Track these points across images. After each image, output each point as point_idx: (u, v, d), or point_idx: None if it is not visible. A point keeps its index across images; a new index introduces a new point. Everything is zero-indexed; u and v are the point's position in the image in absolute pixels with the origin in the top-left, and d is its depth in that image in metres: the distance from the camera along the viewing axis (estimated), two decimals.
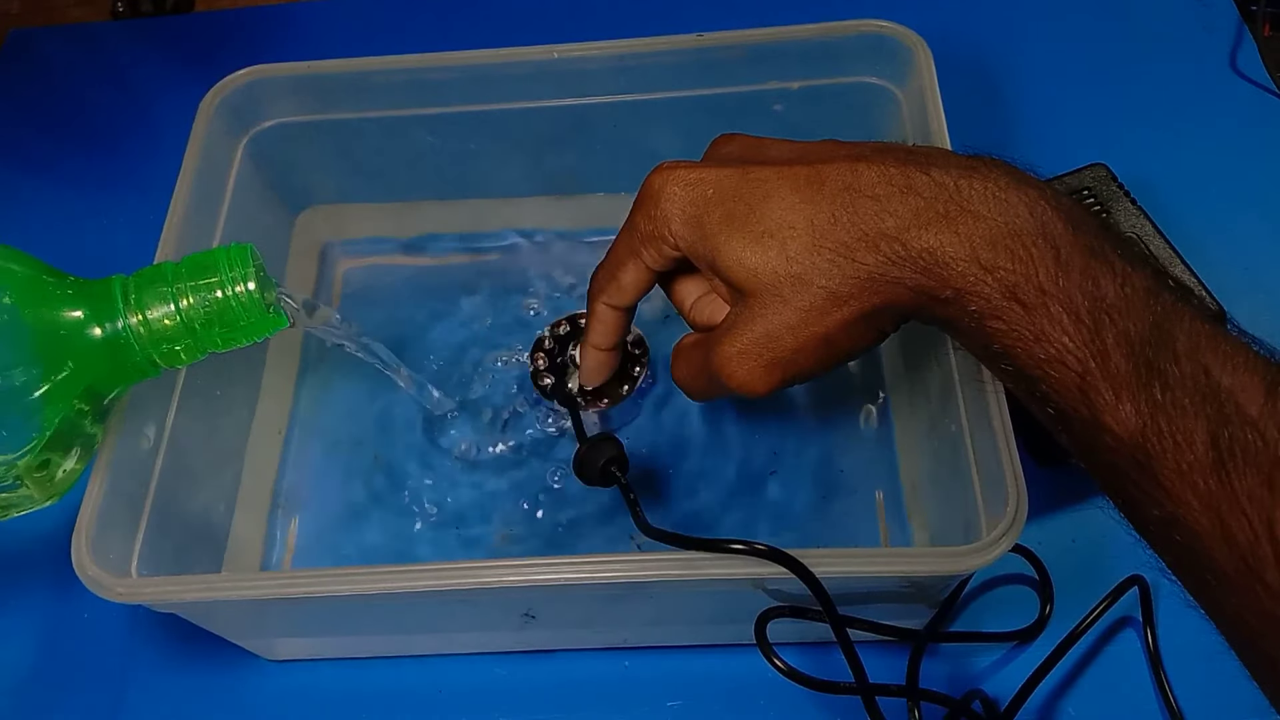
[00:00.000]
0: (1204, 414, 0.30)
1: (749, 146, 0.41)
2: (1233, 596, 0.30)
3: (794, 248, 0.36)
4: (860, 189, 0.35)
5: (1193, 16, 0.66)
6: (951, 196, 0.34)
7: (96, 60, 0.73)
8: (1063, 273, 0.32)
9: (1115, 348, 0.31)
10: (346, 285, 0.61)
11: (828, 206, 0.36)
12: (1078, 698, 0.46)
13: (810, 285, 0.36)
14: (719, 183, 0.38)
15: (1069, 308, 0.32)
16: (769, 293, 0.37)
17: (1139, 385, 0.31)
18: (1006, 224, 0.33)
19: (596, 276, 0.44)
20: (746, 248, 0.37)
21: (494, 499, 0.53)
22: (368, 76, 0.53)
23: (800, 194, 0.36)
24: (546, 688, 0.48)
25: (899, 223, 0.34)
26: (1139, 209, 0.51)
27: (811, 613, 0.40)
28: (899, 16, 0.51)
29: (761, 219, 0.37)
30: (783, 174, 0.37)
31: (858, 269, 0.35)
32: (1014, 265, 0.33)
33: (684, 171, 0.39)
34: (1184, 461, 0.30)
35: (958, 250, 0.33)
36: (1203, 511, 0.30)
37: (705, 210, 0.38)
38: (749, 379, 0.38)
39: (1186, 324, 0.32)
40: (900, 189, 0.35)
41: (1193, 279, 0.48)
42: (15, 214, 0.66)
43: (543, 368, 0.54)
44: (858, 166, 0.36)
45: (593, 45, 0.52)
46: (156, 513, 0.44)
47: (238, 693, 0.50)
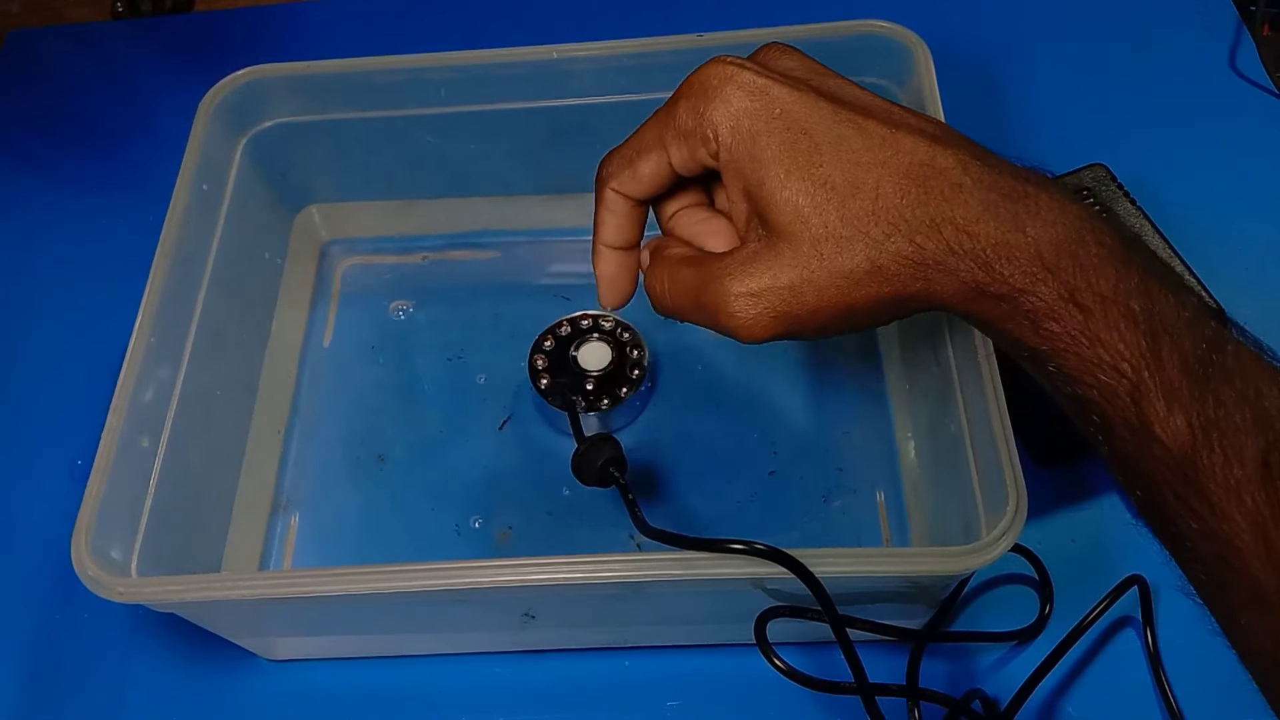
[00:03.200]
0: (1256, 432, 0.30)
1: (813, 70, 0.38)
2: (1271, 618, 0.30)
3: (854, 208, 0.34)
4: (937, 170, 0.34)
5: (1192, 16, 0.66)
6: (1021, 198, 0.33)
7: (96, 60, 0.73)
8: (1122, 281, 0.32)
9: (1170, 359, 0.31)
10: (346, 285, 0.61)
11: (900, 178, 0.34)
12: (1078, 697, 0.46)
13: (856, 253, 0.34)
14: (788, 105, 0.35)
15: (1127, 315, 0.32)
16: (809, 245, 0.34)
17: (1192, 398, 0.31)
18: (1070, 231, 0.33)
19: (610, 159, 0.39)
20: (803, 191, 0.34)
21: (494, 498, 0.53)
22: (367, 76, 0.53)
23: (874, 154, 0.34)
24: (546, 688, 0.48)
25: (969, 214, 0.33)
26: (1139, 209, 0.51)
27: (811, 613, 0.40)
28: (899, 16, 0.51)
29: (827, 165, 0.34)
30: (859, 123, 0.35)
31: (914, 250, 0.34)
32: (1076, 269, 0.32)
33: (750, 75, 0.35)
34: (1233, 477, 0.30)
35: (1023, 249, 0.33)
36: (1247, 528, 0.30)
37: (765, 130, 0.35)
38: (751, 324, 0.35)
39: (1234, 347, 0.32)
40: (975, 181, 0.34)
41: (1193, 279, 0.48)
42: (15, 214, 0.66)
43: (542, 368, 0.54)
44: (935, 147, 0.34)
45: (593, 45, 0.52)
46: (156, 513, 0.44)
47: (238, 693, 0.50)
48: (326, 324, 0.60)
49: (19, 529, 0.55)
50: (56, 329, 0.61)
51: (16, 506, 0.55)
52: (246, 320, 0.55)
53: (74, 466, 0.55)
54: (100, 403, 0.43)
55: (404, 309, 0.59)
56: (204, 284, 0.50)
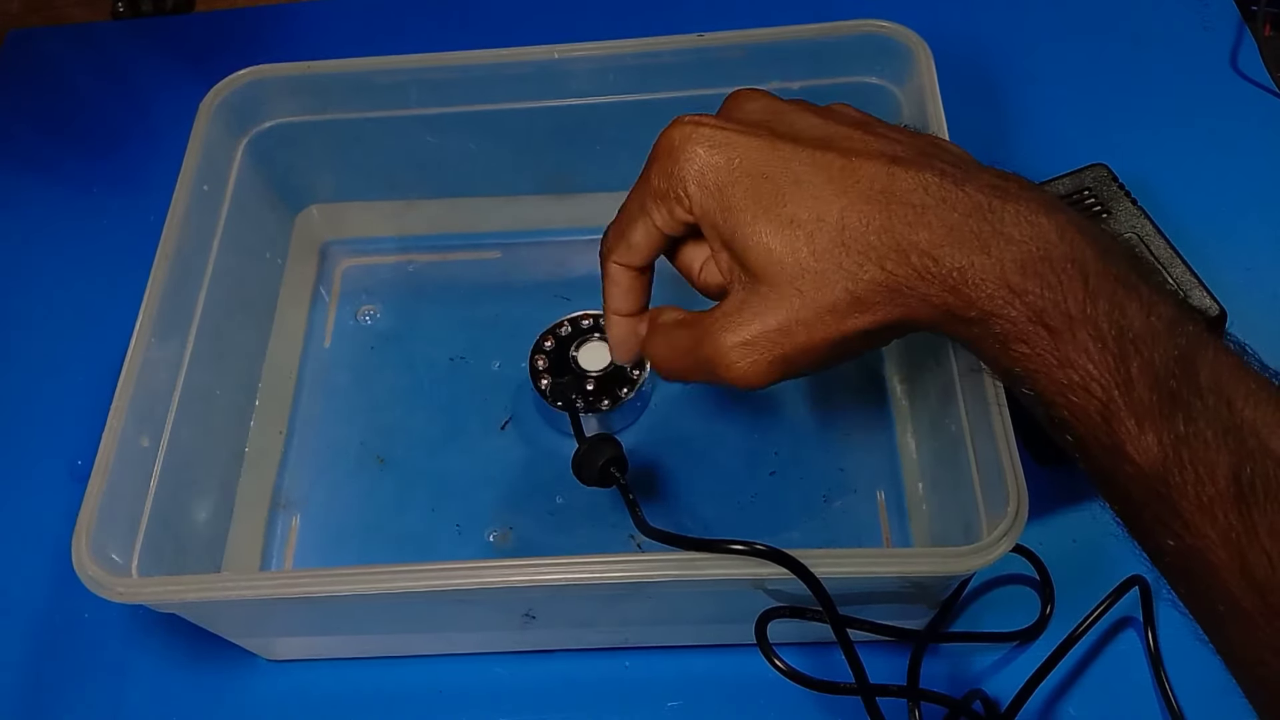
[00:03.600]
0: (1227, 447, 0.30)
1: (773, 112, 0.38)
2: (1247, 632, 0.30)
3: (821, 242, 0.34)
4: (897, 195, 0.34)
5: (1193, 16, 0.66)
6: (985, 216, 0.33)
7: (96, 60, 0.73)
8: (1090, 300, 0.32)
9: (1140, 377, 0.31)
10: (346, 284, 0.61)
11: (862, 206, 0.34)
12: (1078, 698, 0.46)
13: (834, 285, 0.34)
14: (746, 153, 0.36)
15: (1095, 335, 0.32)
16: (788, 285, 0.35)
17: (1162, 416, 0.31)
18: (1038, 248, 0.33)
19: (607, 235, 0.41)
20: (771, 233, 0.35)
21: (494, 499, 0.53)
22: (368, 76, 0.53)
23: (834, 185, 0.35)
24: (546, 688, 0.48)
25: (933, 237, 0.33)
26: (1139, 209, 0.51)
27: (811, 613, 0.40)
28: (899, 16, 0.51)
29: (790, 205, 0.35)
30: (816, 159, 0.35)
31: (886, 277, 0.34)
32: (1043, 290, 0.32)
33: (708, 130, 0.36)
34: (1204, 494, 0.30)
35: (988, 272, 0.33)
36: (1221, 545, 0.30)
37: (729, 180, 0.36)
38: (750, 371, 0.36)
39: (1211, 355, 0.31)
40: (937, 201, 0.34)
41: (1193, 279, 0.48)
42: (15, 214, 0.66)
43: (542, 368, 0.54)
44: (894, 170, 0.35)
45: (593, 45, 0.52)
46: (156, 513, 0.44)
47: (238, 693, 0.49)
48: (326, 324, 0.60)
49: (19, 529, 0.55)
50: (56, 329, 0.61)
51: (16, 506, 0.55)
52: (246, 320, 0.55)
53: (74, 466, 0.55)
54: (100, 403, 0.43)
55: (403, 309, 0.59)
56: (204, 284, 0.50)
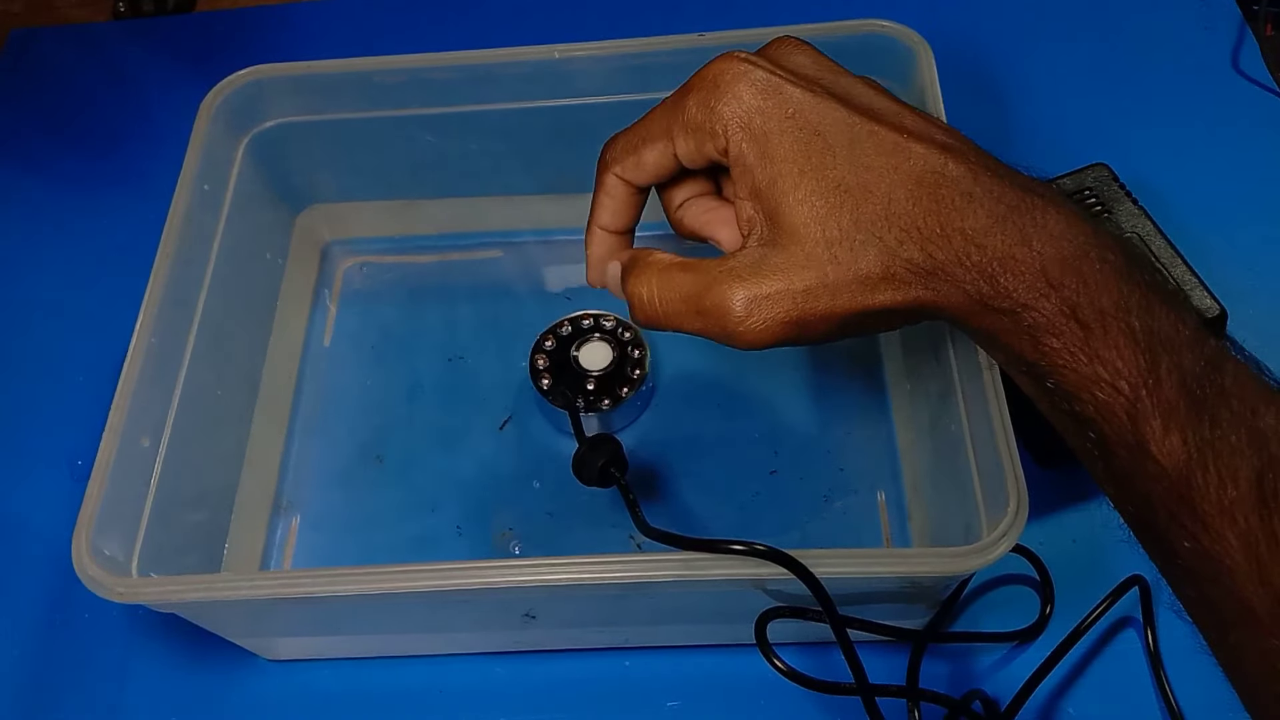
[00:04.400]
0: (1250, 453, 0.30)
1: (825, 69, 0.37)
2: (1260, 639, 0.30)
3: (868, 211, 0.34)
4: (949, 180, 0.34)
5: (1194, 16, 0.66)
6: (1029, 211, 0.34)
7: (96, 60, 0.73)
8: (1124, 299, 0.32)
9: (1168, 377, 0.31)
10: (346, 285, 0.61)
11: (912, 185, 0.34)
12: (1078, 698, 0.46)
13: (871, 257, 0.34)
14: (801, 106, 0.35)
15: (1127, 332, 0.32)
16: (824, 247, 0.34)
17: (1189, 418, 0.31)
18: (1076, 246, 0.33)
19: (614, 143, 0.40)
20: (817, 192, 0.34)
21: (494, 499, 0.53)
22: (368, 76, 0.53)
23: (887, 159, 0.34)
24: (546, 688, 0.48)
25: (978, 225, 0.33)
26: (1140, 209, 0.51)
27: (811, 613, 0.40)
28: (899, 16, 0.51)
29: (840, 168, 0.34)
30: (870, 128, 0.35)
31: (925, 258, 0.34)
32: (1079, 285, 0.32)
33: (764, 73, 0.35)
34: (1226, 498, 0.30)
35: (1028, 263, 0.33)
36: (1239, 549, 0.30)
37: (778, 129, 0.35)
38: (758, 329, 0.35)
39: (1233, 367, 0.32)
40: (985, 192, 0.34)
41: (1193, 279, 0.48)
42: (15, 214, 0.66)
43: (542, 368, 0.54)
44: (946, 156, 0.34)
45: (593, 45, 0.52)
46: (156, 513, 0.44)
47: (238, 693, 0.49)
48: (327, 324, 0.60)
49: (19, 529, 0.55)
50: (56, 329, 0.61)
51: (16, 506, 0.55)
52: (247, 320, 0.55)
53: (74, 466, 0.55)
54: (100, 403, 0.43)
55: (404, 309, 0.59)
56: (204, 284, 0.50)
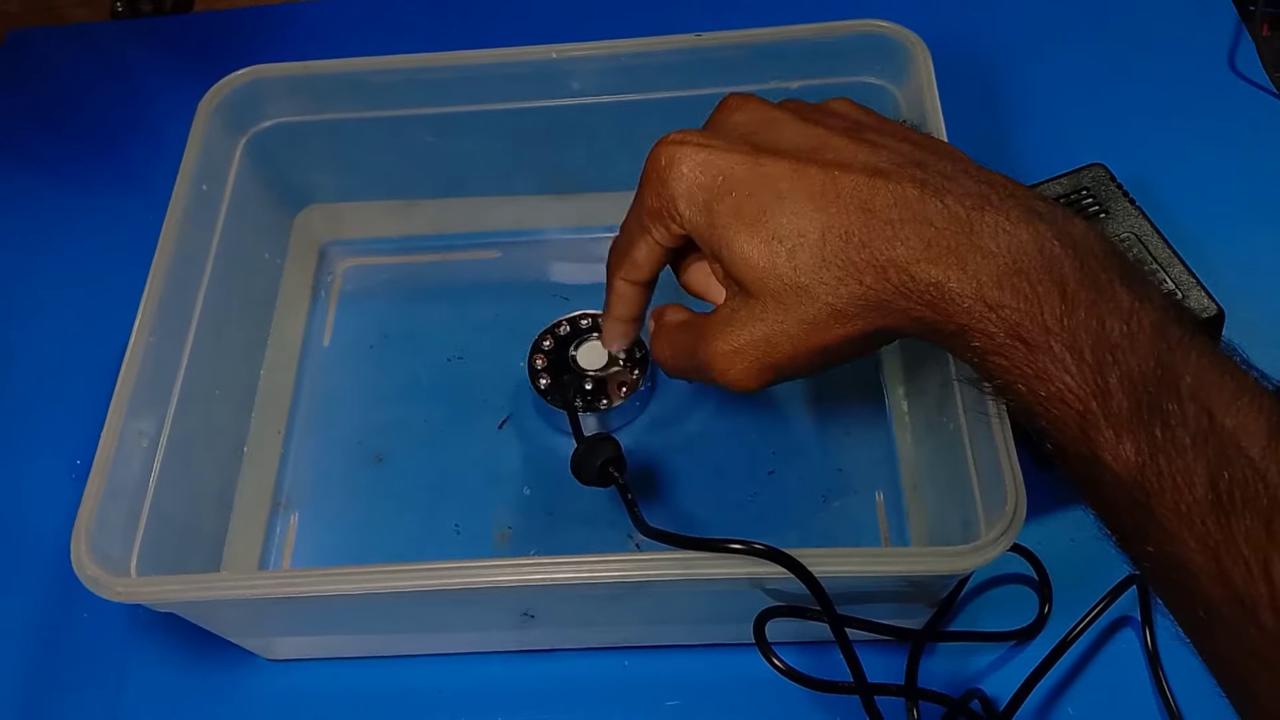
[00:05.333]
0: (1205, 455, 0.30)
1: (760, 122, 0.39)
2: (1226, 637, 0.30)
3: (802, 258, 0.36)
4: (875, 210, 0.35)
5: (1191, 16, 0.67)
6: (963, 229, 0.34)
7: (96, 60, 0.73)
8: (1068, 311, 0.32)
9: (1118, 387, 0.31)
10: (346, 284, 0.61)
11: (841, 221, 0.35)
12: (1077, 697, 0.46)
13: (816, 299, 0.36)
14: (729, 171, 0.37)
15: (1072, 347, 0.32)
16: (773, 298, 0.36)
17: (1140, 424, 0.31)
18: (1014, 261, 0.33)
19: (612, 252, 0.44)
20: (755, 248, 0.36)
21: (493, 499, 0.53)
22: (367, 76, 0.54)
23: (814, 201, 0.36)
24: (546, 688, 0.48)
25: (909, 253, 0.34)
26: (1138, 209, 0.51)
27: (811, 612, 0.40)
28: (898, 16, 0.51)
29: (772, 221, 0.36)
30: (797, 174, 0.36)
31: (865, 292, 0.35)
32: (1019, 304, 0.33)
33: (692, 150, 0.38)
34: (1183, 502, 0.30)
35: (964, 287, 0.33)
36: (1199, 551, 0.30)
37: (714, 198, 0.37)
38: (741, 377, 0.38)
39: (1194, 360, 0.31)
40: (914, 216, 0.34)
41: (1191, 279, 0.48)
42: (15, 214, 0.66)
43: (541, 368, 0.54)
44: (874, 182, 0.35)
45: (593, 45, 0.52)
46: (156, 513, 0.44)
47: (237, 692, 0.50)
48: (326, 324, 0.60)
49: (19, 529, 0.55)
50: (56, 329, 0.61)
51: (16, 506, 0.55)
52: (246, 320, 0.55)
53: (74, 466, 0.56)
54: (100, 403, 0.43)
55: (403, 309, 0.59)
56: (204, 284, 0.50)
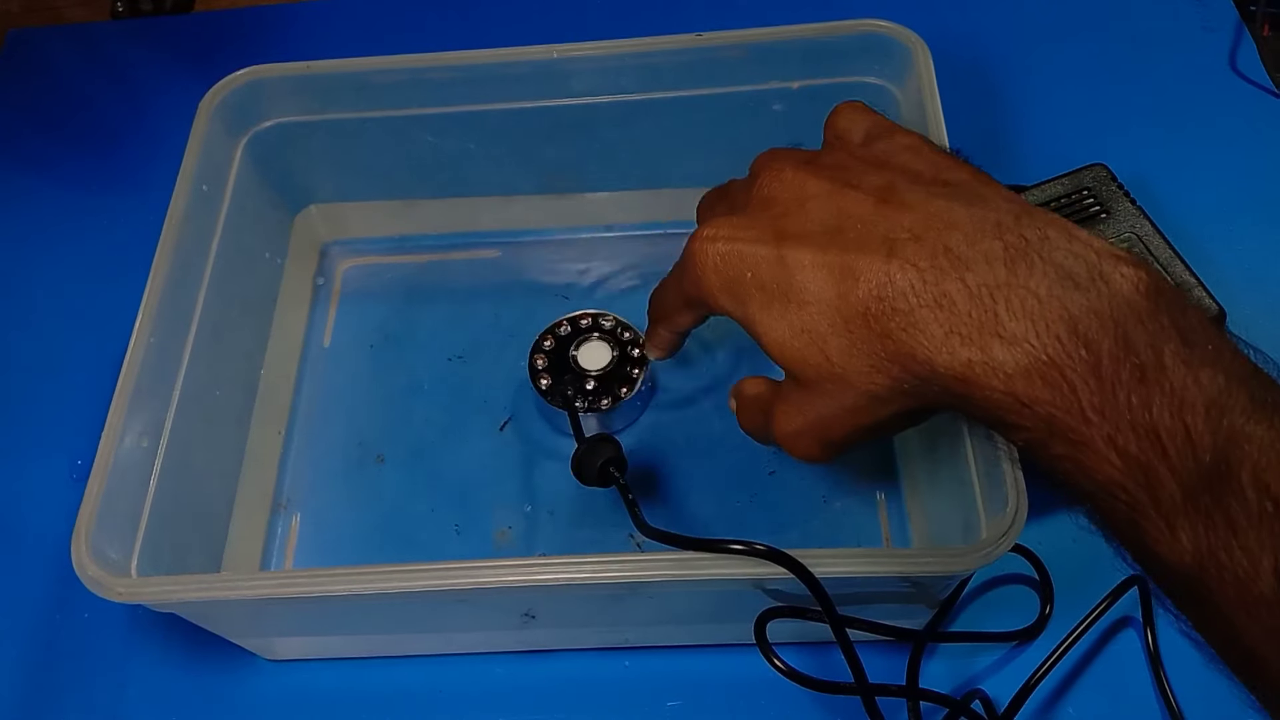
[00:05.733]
0: (1270, 547, 0.28)
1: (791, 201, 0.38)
2: None
3: (833, 348, 0.35)
4: (891, 300, 0.33)
5: (1192, 16, 0.66)
6: (986, 313, 0.31)
7: (96, 60, 0.73)
8: (1108, 401, 0.29)
9: (1169, 477, 0.29)
10: (346, 285, 0.61)
11: (862, 310, 0.34)
12: (1078, 698, 0.46)
13: (853, 387, 0.35)
14: (756, 264, 0.37)
15: (1114, 440, 0.30)
16: (815, 385, 0.36)
17: (1196, 514, 0.29)
18: (1044, 349, 0.30)
19: (654, 302, 0.46)
20: (787, 340, 0.36)
21: (493, 499, 0.53)
22: (368, 76, 0.53)
23: (836, 288, 0.34)
24: (546, 688, 0.48)
25: (930, 343, 0.32)
26: (1138, 209, 0.51)
27: (811, 613, 0.40)
28: (898, 16, 0.51)
29: (799, 313, 0.35)
30: (819, 264, 0.35)
31: (895, 382, 0.34)
32: (1052, 396, 0.30)
33: (721, 245, 0.38)
34: (1247, 596, 0.28)
35: (991, 380, 0.31)
36: (1266, 641, 0.28)
37: (745, 290, 0.37)
38: (809, 455, 0.38)
39: (1258, 437, 0.28)
40: (933, 300, 0.32)
41: (1192, 279, 0.48)
42: (15, 214, 0.66)
43: (542, 368, 0.54)
44: (891, 268, 0.33)
45: (593, 45, 0.52)
46: (156, 513, 0.44)
47: (237, 693, 0.50)
48: (326, 324, 0.60)
49: (19, 529, 0.55)
50: (56, 329, 0.61)
51: (16, 506, 0.55)
52: (247, 320, 0.55)
53: (74, 466, 0.56)
54: (100, 403, 0.43)
55: (403, 309, 0.59)
56: (204, 284, 0.50)
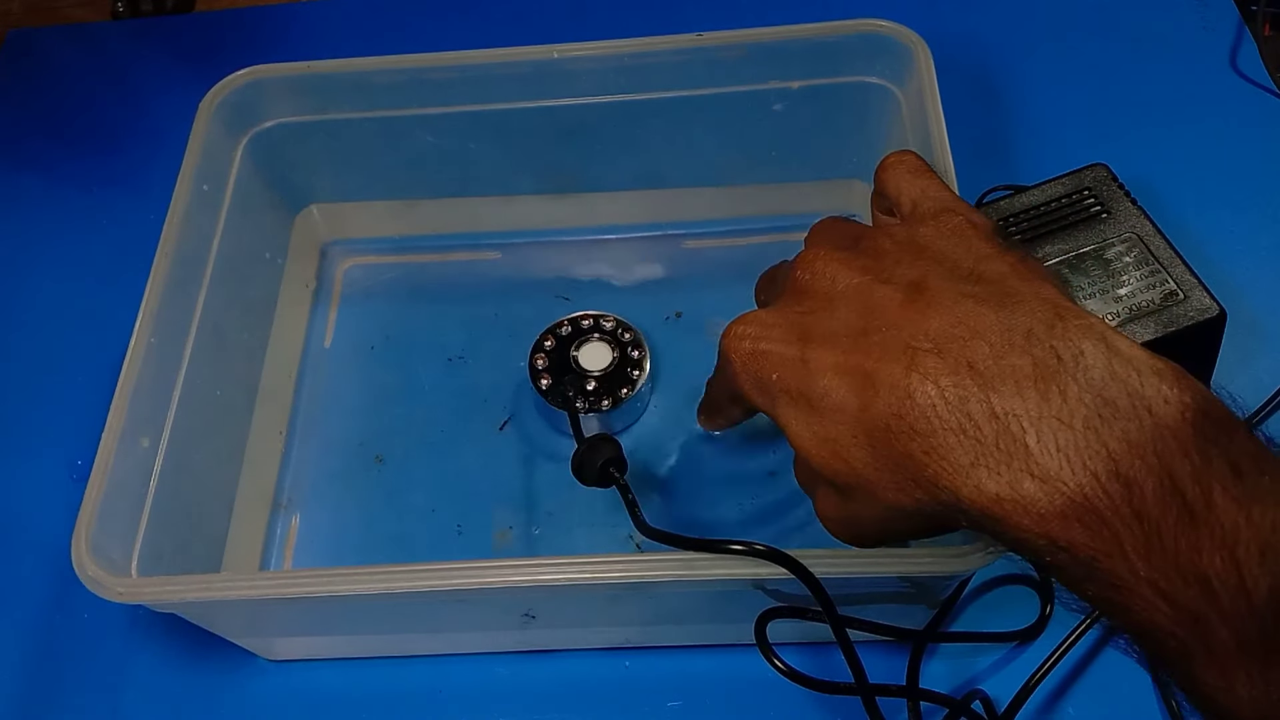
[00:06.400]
0: None
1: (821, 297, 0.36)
2: None
3: (857, 459, 0.33)
4: (911, 420, 0.31)
5: (1192, 16, 0.66)
6: (1016, 443, 0.29)
7: (96, 60, 0.73)
8: (1155, 549, 0.27)
9: (1222, 627, 0.27)
10: (346, 285, 0.61)
11: (883, 427, 0.32)
12: (1078, 698, 0.46)
13: (879, 499, 0.33)
14: (779, 365, 0.36)
15: (1162, 590, 0.27)
16: (844, 491, 0.34)
17: (1253, 665, 0.27)
18: (1080, 490, 0.28)
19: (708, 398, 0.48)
20: (813, 445, 0.34)
21: (494, 499, 0.53)
22: (368, 76, 0.53)
23: (858, 398, 0.33)
24: (546, 688, 0.48)
25: (954, 470, 0.30)
26: (1139, 209, 0.51)
27: (811, 613, 0.40)
28: (899, 16, 0.51)
29: (822, 420, 0.34)
30: (841, 370, 0.33)
31: (919, 506, 0.32)
32: (1091, 541, 0.28)
33: (748, 344, 0.37)
34: None
35: (1022, 519, 0.29)
36: None
37: (772, 390, 0.36)
38: (849, 543, 0.37)
39: None
40: (957, 424, 0.30)
41: (1193, 279, 0.48)
42: (15, 214, 0.66)
43: (542, 368, 0.54)
44: (911, 383, 0.31)
45: (593, 45, 0.52)
46: (156, 513, 0.44)
47: (237, 693, 0.49)
48: (327, 324, 0.60)
49: (19, 529, 0.55)
50: (56, 329, 0.61)
51: (16, 506, 0.55)
52: (246, 320, 0.55)
53: (74, 466, 0.55)
54: (100, 403, 0.43)
55: (404, 309, 0.59)
56: (204, 284, 0.50)
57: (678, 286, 0.59)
